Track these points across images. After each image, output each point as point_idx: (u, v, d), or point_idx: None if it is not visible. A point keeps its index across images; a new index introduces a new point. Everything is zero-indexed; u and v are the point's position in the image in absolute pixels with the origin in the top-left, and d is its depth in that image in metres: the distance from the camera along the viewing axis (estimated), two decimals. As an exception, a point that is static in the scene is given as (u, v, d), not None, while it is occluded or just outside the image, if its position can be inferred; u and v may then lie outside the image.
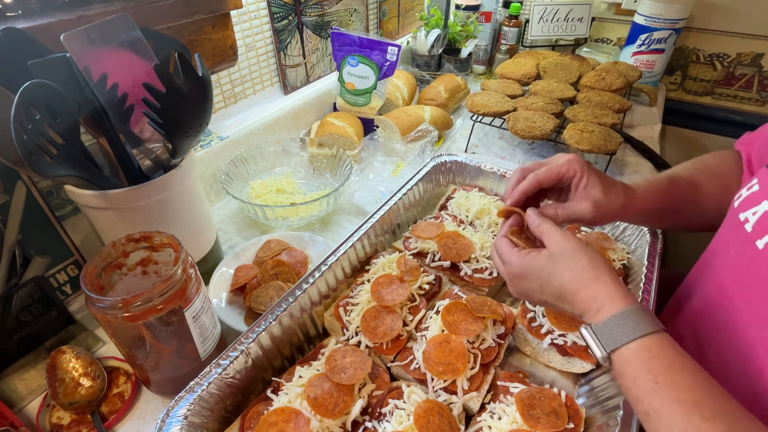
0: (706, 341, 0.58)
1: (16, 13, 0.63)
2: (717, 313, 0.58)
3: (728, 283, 0.57)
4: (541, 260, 0.54)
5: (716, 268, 0.61)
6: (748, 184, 0.57)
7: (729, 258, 0.58)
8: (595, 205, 0.60)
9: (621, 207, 0.61)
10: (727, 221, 0.61)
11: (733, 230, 0.57)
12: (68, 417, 0.62)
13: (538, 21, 1.54)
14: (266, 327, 0.59)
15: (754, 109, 1.58)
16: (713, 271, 0.62)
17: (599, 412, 0.56)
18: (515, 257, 0.56)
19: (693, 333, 0.61)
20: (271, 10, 1.07)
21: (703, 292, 0.63)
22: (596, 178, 0.60)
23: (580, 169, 0.60)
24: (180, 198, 0.68)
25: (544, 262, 0.53)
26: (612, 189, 0.61)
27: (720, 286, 0.58)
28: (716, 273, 0.60)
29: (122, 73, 0.58)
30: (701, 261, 0.67)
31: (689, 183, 0.69)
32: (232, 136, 1.03)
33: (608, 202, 0.60)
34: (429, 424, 0.52)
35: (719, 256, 0.61)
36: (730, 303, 0.55)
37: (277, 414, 0.52)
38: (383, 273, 0.71)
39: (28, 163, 0.48)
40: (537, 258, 0.54)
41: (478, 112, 1.15)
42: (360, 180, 1.04)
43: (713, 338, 0.58)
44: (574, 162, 0.61)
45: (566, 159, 0.61)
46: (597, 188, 0.60)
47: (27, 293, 0.66)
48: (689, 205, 0.69)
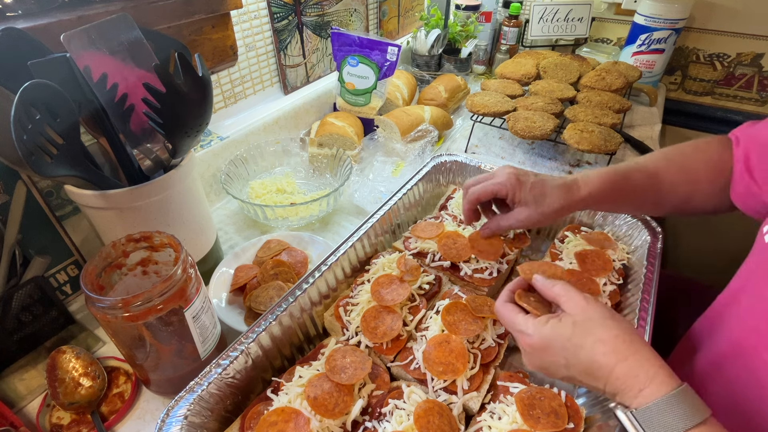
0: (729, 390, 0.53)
1: (16, 13, 0.63)
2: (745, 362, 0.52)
3: (763, 328, 0.51)
4: (565, 329, 0.47)
5: (745, 308, 0.55)
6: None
7: (762, 301, 0.52)
8: (530, 214, 0.66)
9: (560, 208, 0.66)
10: (756, 254, 0.57)
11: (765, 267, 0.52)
12: (68, 417, 0.62)
13: (538, 21, 1.54)
14: (266, 327, 0.59)
15: (754, 109, 1.58)
16: (742, 311, 0.56)
17: (599, 412, 0.56)
18: (532, 327, 0.49)
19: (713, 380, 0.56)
20: (271, 10, 1.07)
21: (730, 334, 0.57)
22: (529, 191, 0.66)
23: (511, 186, 0.66)
24: (180, 198, 0.68)
25: (570, 332, 0.46)
26: (546, 197, 0.66)
27: (750, 330, 0.52)
28: (746, 315, 0.55)
29: (122, 73, 0.58)
30: (727, 294, 0.62)
31: (649, 176, 0.69)
32: (232, 136, 1.03)
33: (544, 208, 0.66)
34: (429, 424, 0.52)
35: (748, 296, 0.56)
36: (763, 353, 0.50)
37: (277, 414, 0.52)
38: (383, 273, 0.71)
39: (28, 163, 0.48)
40: (560, 326, 0.47)
41: (478, 112, 1.15)
42: (360, 180, 1.04)
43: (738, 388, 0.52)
44: (507, 179, 0.66)
45: (500, 179, 0.67)
46: (530, 200, 0.66)
47: (27, 293, 0.66)
48: (646, 195, 0.70)
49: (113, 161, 0.65)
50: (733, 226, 0.68)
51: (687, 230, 1.73)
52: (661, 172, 0.69)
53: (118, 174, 0.66)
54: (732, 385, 0.53)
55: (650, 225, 0.77)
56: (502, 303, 0.56)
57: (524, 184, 0.66)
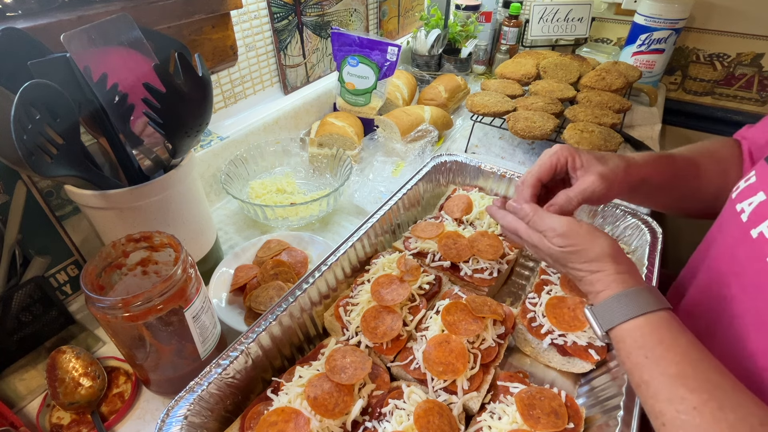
0: (705, 327, 0.60)
1: (16, 13, 0.63)
2: (715, 301, 0.59)
3: (725, 270, 0.59)
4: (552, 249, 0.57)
5: (714, 256, 0.63)
6: (746, 176, 0.59)
7: (726, 247, 0.60)
8: (599, 176, 0.59)
9: (624, 172, 0.61)
10: (725, 212, 0.63)
11: (730, 220, 0.60)
12: (68, 417, 0.62)
13: (538, 21, 1.54)
14: (266, 327, 0.59)
15: (754, 109, 1.58)
16: (711, 259, 0.64)
17: (599, 412, 0.56)
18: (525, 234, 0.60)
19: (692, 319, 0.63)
20: (271, 10, 1.07)
21: (702, 279, 0.65)
22: (588, 154, 0.62)
23: (569, 153, 0.62)
24: (180, 198, 0.68)
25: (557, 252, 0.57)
26: (608, 159, 0.62)
27: (718, 273, 0.61)
28: (714, 261, 0.63)
29: (122, 73, 0.58)
30: (699, 250, 0.70)
31: (689, 161, 0.71)
32: (232, 136, 1.03)
33: (610, 170, 0.60)
34: (429, 424, 0.52)
35: (716, 245, 0.64)
36: (727, 290, 0.57)
37: (277, 414, 0.52)
38: (383, 273, 0.71)
39: (28, 163, 0.48)
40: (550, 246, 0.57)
41: (478, 112, 1.15)
42: (360, 180, 1.04)
43: (712, 324, 0.59)
44: (561, 150, 0.62)
45: (553, 151, 0.63)
46: (593, 162, 0.61)
47: (27, 293, 0.66)
48: (689, 183, 0.70)
49: (113, 161, 0.65)
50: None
51: (687, 230, 1.72)
52: (696, 159, 0.71)
53: (118, 174, 0.66)
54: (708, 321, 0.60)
55: (650, 225, 0.77)
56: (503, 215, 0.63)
57: (580, 151, 0.62)
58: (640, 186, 0.65)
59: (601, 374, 0.62)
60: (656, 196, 0.71)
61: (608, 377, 0.60)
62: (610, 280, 0.53)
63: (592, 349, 0.62)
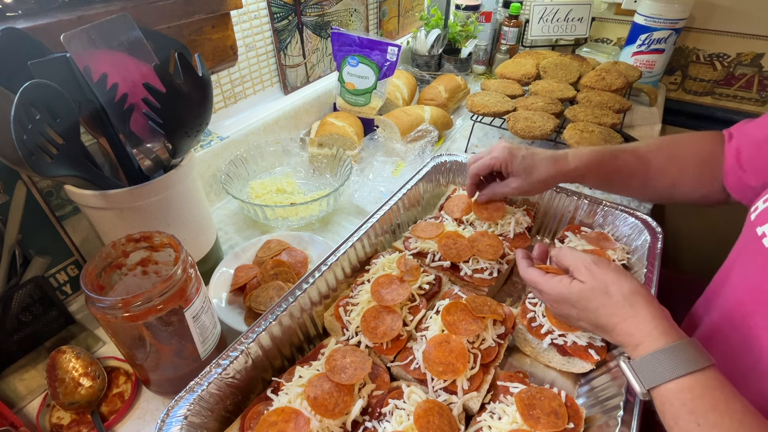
0: (723, 353, 0.57)
1: (16, 13, 0.63)
2: (736, 331, 0.57)
3: (747, 299, 0.56)
4: (574, 290, 0.55)
5: (734, 283, 0.60)
6: (764, 197, 0.56)
7: (748, 274, 0.57)
8: (521, 183, 0.73)
9: (547, 178, 0.72)
10: (744, 234, 0.61)
11: (751, 244, 0.57)
12: (68, 417, 0.62)
13: (538, 21, 1.54)
14: (266, 327, 0.59)
15: (754, 109, 1.58)
16: (732, 286, 0.61)
17: (599, 412, 0.56)
18: (548, 285, 0.58)
19: (710, 345, 0.60)
20: (271, 10, 1.07)
21: (722, 307, 0.62)
22: (520, 163, 0.72)
23: (504, 159, 0.73)
24: (180, 198, 0.68)
25: (575, 297, 0.55)
26: (535, 168, 0.72)
27: (739, 302, 0.58)
28: (735, 288, 0.60)
29: (122, 73, 0.58)
30: (720, 274, 0.67)
31: (639, 158, 0.74)
32: (232, 136, 1.03)
33: (532, 178, 0.72)
34: (429, 424, 0.52)
35: (737, 271, 0.61)
36: (751, 320, 0.54)
37: (277, 414, 0.52)
38: (383, 273, 0.71)
39: (28, 163, 0.48)
40: (571, 287, 0.56)
41: (478, 112, 1.15)
42: (360, 180, 1.04)
43: (733, 351, 0.56)
44: (500, 153, 0.73)
45: (495, 153, 0.74)
46: (520, 170, 0.73)
47: (27, 293, 0.66)
48: (633, 177, 0.74)
49: (113, 161, 0.65)
50: (734, 226, 0.68)
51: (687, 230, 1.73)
52: (650, 157, 0.74)
53: (118, 174, 0.66)
54: (726, 353, 0.57)
55: (650, 225, 0.77)
56: (525, 268, 0.63)
57: (515, 156, 0.73)
58: (571, 181, 0.75)
59: (601, 374, 0.62)
60: (593, 186, 0.81)
61: (608, 377, 0.60)
62: (649, 328, 0.49)
63: (592, 349, 0.62)
